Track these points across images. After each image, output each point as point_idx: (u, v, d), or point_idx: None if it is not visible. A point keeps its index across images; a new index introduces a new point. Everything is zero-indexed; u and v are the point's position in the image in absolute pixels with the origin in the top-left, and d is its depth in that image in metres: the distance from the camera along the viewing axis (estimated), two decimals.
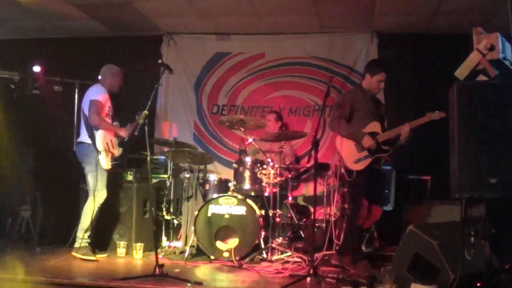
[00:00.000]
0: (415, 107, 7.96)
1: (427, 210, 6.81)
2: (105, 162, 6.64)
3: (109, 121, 6.87)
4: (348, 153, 6.17)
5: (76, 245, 6.56)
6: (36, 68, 8.00)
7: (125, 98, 7.11)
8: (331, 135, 8.04)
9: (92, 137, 6.66)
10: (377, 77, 6.21)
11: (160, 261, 5.54)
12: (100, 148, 6.61)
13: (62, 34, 9.42)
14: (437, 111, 5.82)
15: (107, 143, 6.70)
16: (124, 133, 6.89)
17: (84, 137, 6.72)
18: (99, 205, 6.63)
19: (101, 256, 6.77)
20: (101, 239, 7.13)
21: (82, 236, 6.55)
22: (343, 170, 6.21)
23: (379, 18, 8.20)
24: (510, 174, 4.44)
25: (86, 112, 6.72)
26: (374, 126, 6.08)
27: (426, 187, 7.52)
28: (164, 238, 7.36)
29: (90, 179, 6.65)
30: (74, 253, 6.52)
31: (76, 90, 8.17)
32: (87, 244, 6.59)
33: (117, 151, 6.85)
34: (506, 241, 5.43)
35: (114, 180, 7.02)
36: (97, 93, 6.77)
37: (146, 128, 5.74)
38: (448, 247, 4.73)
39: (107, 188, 6.72)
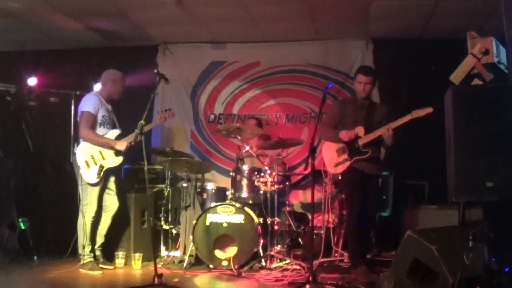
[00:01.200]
0: (411, 109, 7.98)
1: (425, 215, 6.83)
2: (89, 176, 6.55)
3: (104, 130, 6.77)
4: (330, 158, 6.42)
5: (81, 261, 6.56)
6: (32, 80, 8.02)
7: (121, 107, 7.06)
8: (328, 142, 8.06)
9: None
10: (357, 79, 6.31)
11: (159, 271, 5.53)
12: (80, 163, 6.55)
13: (58, 46, 9.43)
14: (422, 108, 5.83)
15: (91, 156, 6.59)
16: (120, 146, 6.67)
17: (75, 150, 6.72)
18: (91, 219, 6.59)
19: (108, 268, 6.72)
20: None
21: (83, 253, 6.54)
22: (339, 177, 6.28)
23: (374, 24, 8.24)
24: (507, 177, 4.45)
25: (78, 123, 6.73)
26: (358, 130, 6.13)
27: (424, 192, 7.54)
28: (162, 247, 7.35)
29: (79, 191, 6.61)
30: (81, 270, 6.51)
31: (72, 101, 8.18)
32: (91, 259, 6.56)
33: (113, 161, 6.73)
34: (504, 244, 5.43)
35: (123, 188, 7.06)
36: (88, 104, 6.70)
37: (143, 137, 5.75)
38: (447, 251, 4.74)
39: (99, 202, 6.66)
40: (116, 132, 6.86)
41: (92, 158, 6.59)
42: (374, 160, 6.21)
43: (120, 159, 6.76)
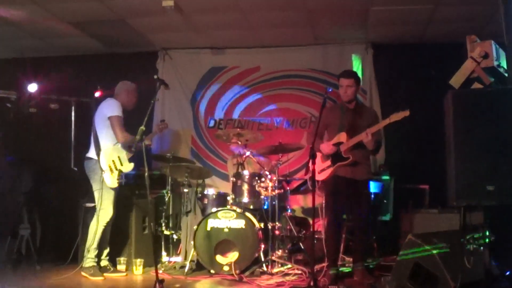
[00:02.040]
0: (411, 116, 7.98)
1: (426, 219, 6.82)
2: (111, 181, 6.55)
3: None
4: (317, 164, 6.34)
5: (84, 264, 6.54)
6: (32, 87, 8.02)
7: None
8: None
9: (98, 154, 6.60)
10: (339, 84, 6.28)
11: (160, 277, 5.52)
12: (105, 167, 6.54)
13: (58, 52, 9.45)
14: (401, 111, 5.82)
15: (113, 161, 6.61)
16: (148, 141, 6.82)
17: (92, 153, 6.66)
18: (104, 224, 6.57)
19: (120, 275, 6.73)
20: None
21: (89, 256, 6.52)
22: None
23: (373, 29, 8.25)
24: (508, 181, 4.46)
25: (97, 128, 6.70)
26: (341, 137, 6.12)
27: (425, 196, 7.53)
28: (164, 253, 7.34)
29: (96, 196, 6.59)
30: (83, 273, 6.49)
31: (73, 108, 8.19)
32: (94, 264, 6.54)
33: (128, 167, 6.72)
34: (505, 248, 5.44)
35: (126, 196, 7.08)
36: (114, 108, 6.68)
37: (143, 143, 5.76)
38: (448, 255, 4.74)
39: (115, 207, 6.65)
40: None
41: (114, 163, 6.61)
42: (359, 165, 6.16)
43: (132, 165, 6.75)
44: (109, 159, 6.60)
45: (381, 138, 6.27)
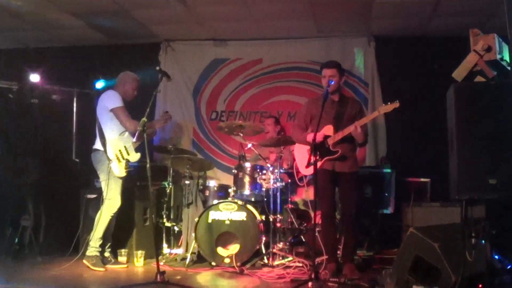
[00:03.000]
0: (414, 108, 7.98)
1: (427, 212, 6.80)
2: (118, 170, 6.55)
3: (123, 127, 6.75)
4: (301, 158, 6.42)
5: (87, 253, 6.53)
6: (35, 77, 8.01)
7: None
8: None
9: (104, 144, 6.60)
10: (322, 75, 6.21)
11: (161, 269, 5.53)
12: (111, 156, 6.54)
13: (60, 43, 9.44)
14: (389, 103, 5.78)
15: (119, 150, 6.60)
16: (157, 124, 7.06)
17: (98, 144, 6.66)
18: (112, 214, 6.56)
19: (122, 266, 6.74)
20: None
21: (93, 245, 6.51)
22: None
23: (376, 22, 8.22)
24: (510, 175, 4.44)
25: (101, 121, 6.68)
26: (327, 130, 6.06)
27: (426, 189, 7.51)
28: (165, 245, 7.35)
29: (103, 186, 6.58)
30: (84, 261, 6.49)
31: (75, 99, 8.18)
32: (97, 254, 6.53)
33: (134, 157, 6.70)
34: (507, 242, 5.43)
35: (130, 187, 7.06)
36: (114, 99, 6.66)
37: (145, 135, 5.75)
38: (449, 249, 4.73)
39: (122, 196, 6.65)
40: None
41: (120, 153, 6.61)
42: (347, 158, 6.11)
43: (139, 155, 6.73)
44: (116, 148, 6.60)
45: (367, 131, 6.19)
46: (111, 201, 6.55)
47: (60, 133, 8.45)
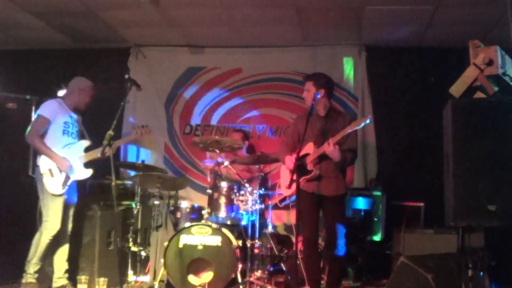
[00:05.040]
0: (407, 125, 8.02)
1: (420, 239, 6.82)
2: (53, 186, 6.45)
3: (69, 140, 6.68)
4: (284, 179, 6.36)
5: (23, 280, 6.43)
6: None
7: (87, 116, 6.99)
8: None
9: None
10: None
11: None
12: (43, 170, 6.47)
13: (18, 46, 9.37)
14: (361, 118, 5.78)
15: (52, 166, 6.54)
16: (62, 165, 6.53)
17: (38, 159, 6.62)
18: (50, 237, 6.44)
19: None
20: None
21: (29, 271, 6.41)
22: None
23: (368, 30, 8.26)
24: (511, 200, 4.46)
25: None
26: (308, 148, 6.04)
27: (419, 215, 7.54)
28: (130, 272, 7.26)
29: (40, 206, 6.51)
30: None
31: (33, 108, 8.09)
32: (34, 281, 6.41)
33: (82, 173, 6.64)
34: (507, 274, 5.45)
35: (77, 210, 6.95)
36: (44, 108, 6.63)
37: (111, 150, 5.71)
38: (444, 280, 4.73)
39: (63, 219, 6.53)
40: (85, 143, 6.81)
41: (58, 167, 6.53)
42: (326, 179, 6.03)
43: (89, 172, 6.67)
44: (48, 162, 6.52)
45: (355, 147, 6.13)
46: (48, 222, 6.43)
47: (15, 146, 8.33)
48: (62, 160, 6.53)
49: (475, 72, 5.02)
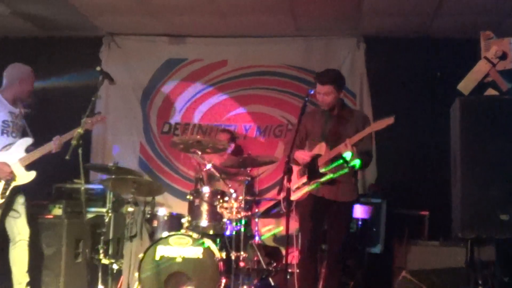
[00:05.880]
0: (410, 125, 8.02)
1: (424, 252, 6.83)
2: None
3: (9, 139, 6.51)
4: (294, 181, 6.27)
5: None
6: None
7: (53, 113, 6.93)
8: None
9: None
10: (316, 89, 6.19)
11: None
12: None
13: None
14: (384, 118, 5.78)
15: None
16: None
17: None
18: None
19: None
20: None
21: None
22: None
23: (367, 19, 8.26)
24: None
25: None
26: (320, 148, 6.05)
27: (424, 225, 7.55)
28: (100, 287, 7.23)
29: None
30: None
31: None
32: None
33: (24, 177, 6.46)
34: None
35: (35, 215, 6.87)
36: None
37: (80, 150, 5.66)
38: None
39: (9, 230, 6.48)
40: (26, 141, 6.62)
41: None
42: (340, 183, 6.06)
43: (31, 175, 6.51)
44: None
45: (370, 149, 6.17)
46: None
47: None
48: (1, 166, 6.38)
49: (486, 66, 5.02)
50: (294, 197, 6.24)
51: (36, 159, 6.49)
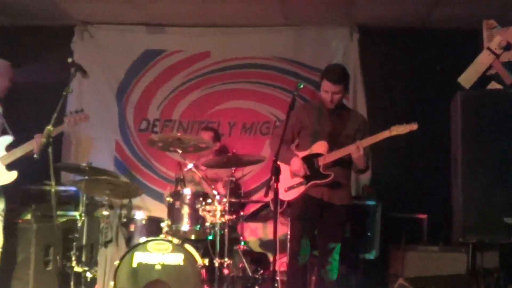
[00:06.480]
0: (407, 121, 8.02)
1: (422, 258, 6.86)
2: None
3: None
4: (284, 179, 6.17)
5: None
6: None
7: (20, 109, 6.89)
8: None
9: None
10: (322, 86, 6.16)
11: None
12: None
13: None
14: (405, 124, 5.80)
15: None
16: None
17: None
18: None
19: None
20: None
21: None
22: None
23: (361, 7, 8.27)
24: None
25: None
26: (319, 147, 6.06)
27: (422, 229, 7.58)
28: None
29: None
30: None
31: None
32: None
33: (5, 177, 6.54)
34: None
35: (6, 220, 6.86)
36: None
37: (50, 149, 5.64)
38: None
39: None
40: (6, 139, 6.68)
41: None
42: (339, 185, 6.09)
43: (13, 175, 6.55)
44: None
45: (370, 155, 6.22)
46: None
47: None
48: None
49: (489, 58, 5.03)
50: (287, 197, 6.24)
51: (18, 158, 6.49)
